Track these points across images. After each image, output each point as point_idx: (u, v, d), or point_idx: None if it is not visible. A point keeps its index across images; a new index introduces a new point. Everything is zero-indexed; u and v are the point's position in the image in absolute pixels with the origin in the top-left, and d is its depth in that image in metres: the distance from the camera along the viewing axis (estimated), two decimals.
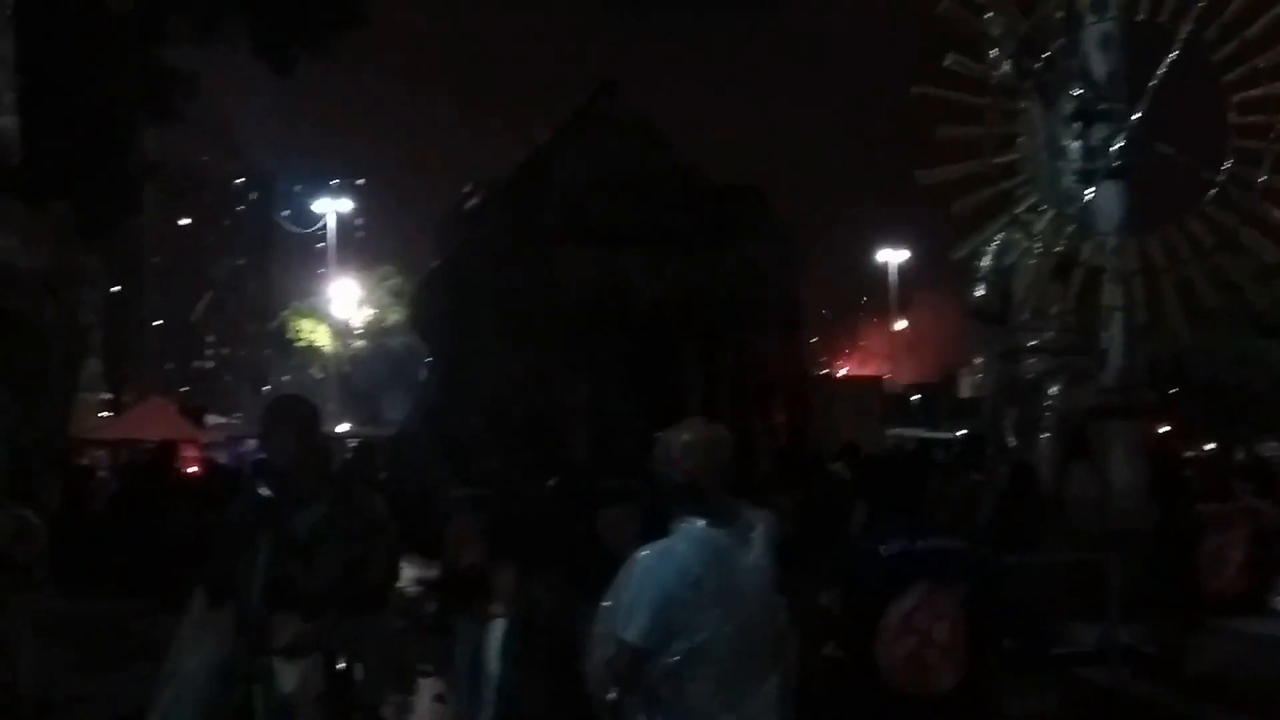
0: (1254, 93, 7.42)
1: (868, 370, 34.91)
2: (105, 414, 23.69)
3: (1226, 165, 7.53)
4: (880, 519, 8.70)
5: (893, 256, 35.92)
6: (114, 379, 28.49)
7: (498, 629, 6.86)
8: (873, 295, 40.36)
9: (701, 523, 3.31)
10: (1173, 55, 7.46)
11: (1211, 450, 10.61)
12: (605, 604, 3.35)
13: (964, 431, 13.51)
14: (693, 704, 3.22)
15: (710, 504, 3.35)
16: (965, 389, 24.08)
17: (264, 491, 3.99)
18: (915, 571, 3.51)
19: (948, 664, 3.47)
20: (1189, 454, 9.97)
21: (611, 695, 3.34)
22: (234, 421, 33.24)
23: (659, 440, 3.46)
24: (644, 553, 3.34)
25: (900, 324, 38.64)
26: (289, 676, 4.60)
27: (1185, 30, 7.41)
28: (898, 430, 19.30)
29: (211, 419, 24.59)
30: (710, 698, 3.22)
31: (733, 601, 3.26)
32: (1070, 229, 7.74)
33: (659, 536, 3.41)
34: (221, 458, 16.42)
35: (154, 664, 4.07)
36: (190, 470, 11.54)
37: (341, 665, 7.54)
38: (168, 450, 9.26)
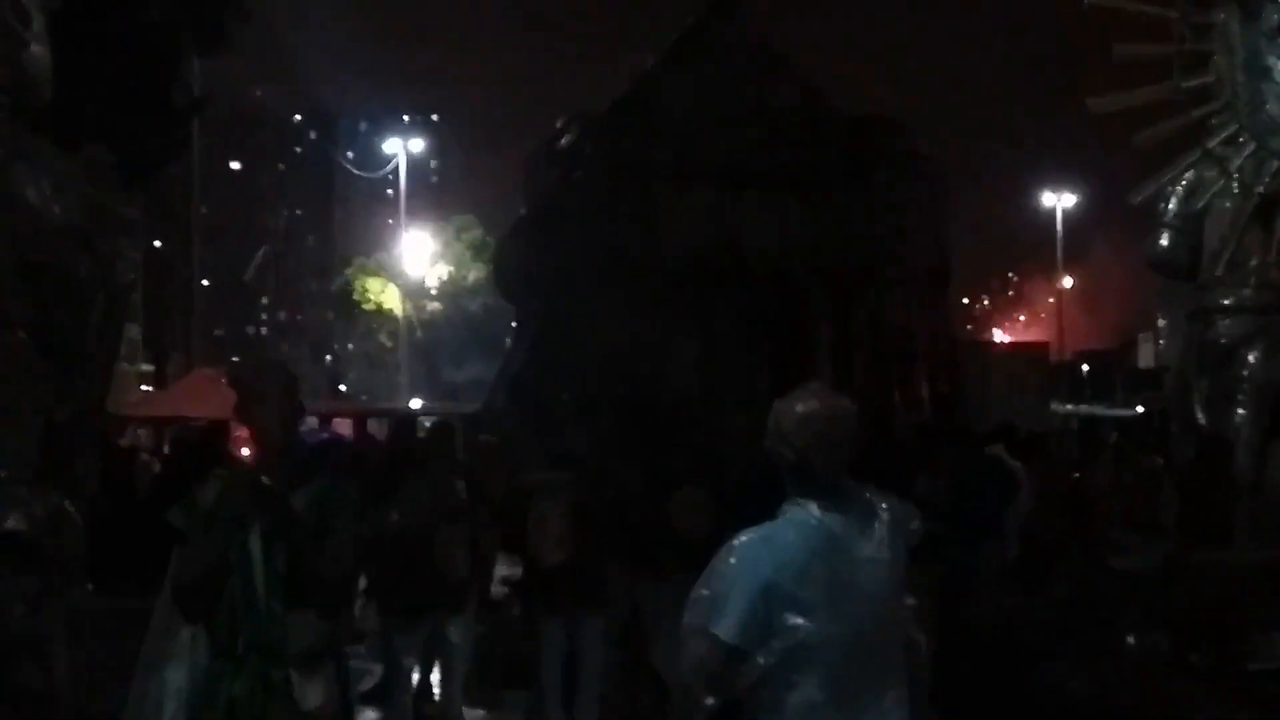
0: None
1: (1031, 335, 32.71)
2: (147, 388, 21.82)
3: None
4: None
5: (1060, 200, 30.74)
6: (157, 347, 25.48)
7: (592, 631, 6.37)
8: (1037, 247, 35.57)
9: (813, 506, 3.08)
10: None
11: None
12: (696, 594, 3.13)
13: (1143, 407, 12.67)
14: (795, 714, 3.03)
15: (823, 486, 3.11)
16: (1145, 357, 22.40)
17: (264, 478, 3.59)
18: None
19: None
20: None
21: (709, 700, 3.16)
22: None
23: (772, 411, 3.18)
24: (742, 538, 3.11)
25: (1067, 281, 33.74)
26: (313, 692, 4.43)
27: None
28: (1066, 406, 18.36)
29: None
30: (817, 708, 3.03)
31: (845, 599, 3.06)
32: (1276, 165, 7.07)
33: (765, 519, 3.14)
34: None
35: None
36: (243, 452, 11.18)
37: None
38: (218, 430, 8.88)
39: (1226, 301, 7.95)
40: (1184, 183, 7.60)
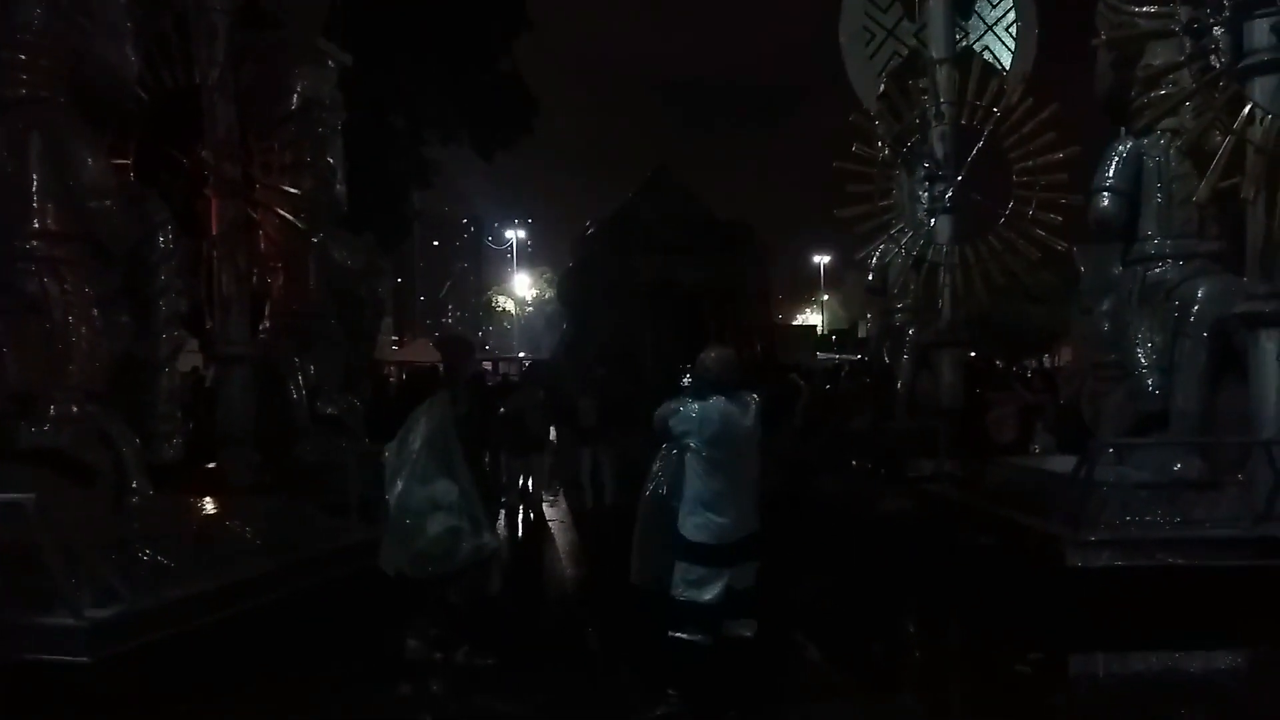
0: (1026, 164, 11.26)
1: (807, 320, 54.10)
2: (394, 348, 34.73)
3: (1009, 205, 11.37)
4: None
5: (822, 258, 56.09)
6: (399, 329, 43.91)
7: (607, 454, 11.64)
8: (808, 278, 59.17)
9: (721, 400, 4.71)
10: (979, 144, 11.46)
11: (999, 365, 15.06)
12: (667, 411, 4.75)
13: (860, 356, 17.35)
14: (715, 488, 4.69)
15: (726, 390, 4.73)
16: (862, 331, 30.11)
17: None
18: None
19: None
20: (984, 367, 13.67)
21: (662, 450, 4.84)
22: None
23: (699, 357, 4.85)
24: (691, 403, 4.77)
25: (825, 297, 57.96)
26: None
27: (987, 129, 11.40)
28: (825, 355, 25.16)
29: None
30: (721, 487, 4.67)
31: (735, 438, 4.70)
32: (921, 242, 11.63)
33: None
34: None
35: None
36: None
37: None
38: (428, 368, 14.02)
39: (900, 305, 12.02)
40: (880, 249, 11.80)
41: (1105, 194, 7.80)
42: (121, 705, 4.64)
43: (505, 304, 60.27)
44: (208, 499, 7.11)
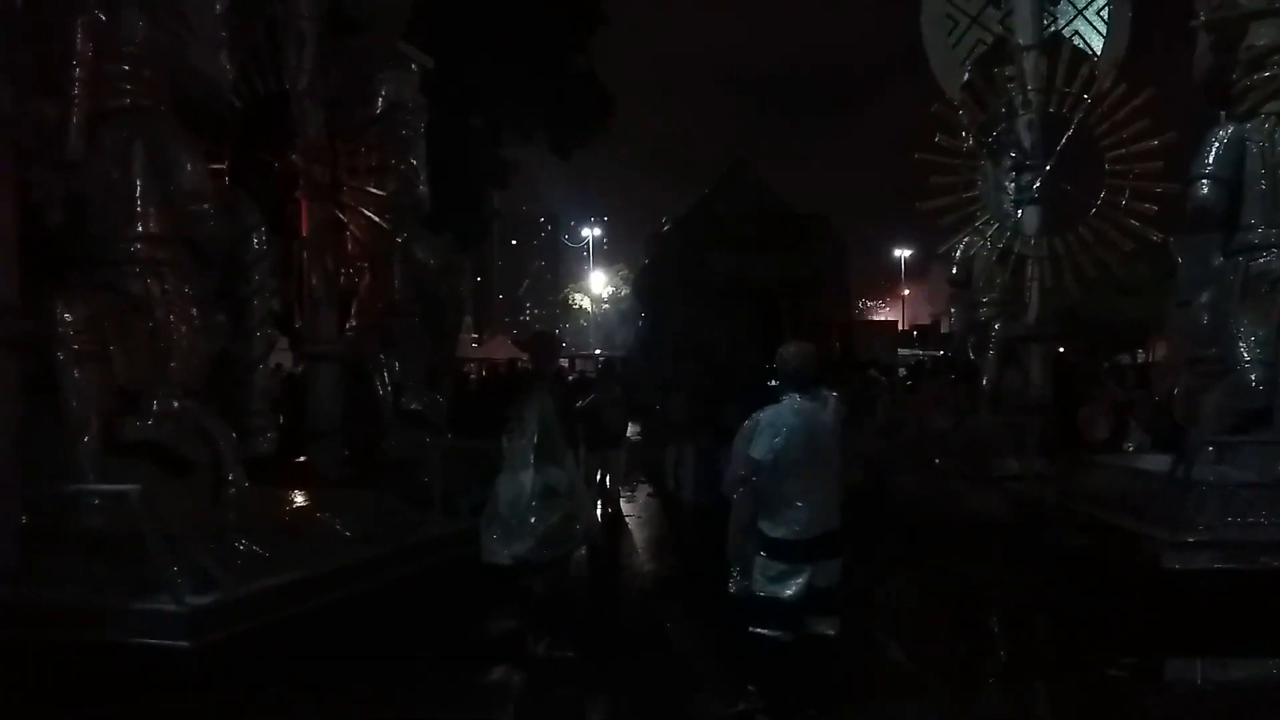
0: (1118, 152, 10.90)
1: (887, 317, 51.49)
2: (474, 344, 35.46)
3: (1101, 194, 10.96)
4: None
5: (903, 253, 56.09)
6: (479, 326, 44.28)
7: (688, 449, 11.54)
8: (889, 273, 59.56)
9: (798, 397, 4.64)
10: (1069, 131, 11.04)
11: (1089, 361, 14.48)
12: (741, 435, 4.59)
13: (942, 352, 16.72)
14: (790, 488, 4.56)
15: (805, 385, 4.64)
16: (945, 326, 29.46)
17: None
18: None
19: None
20: (1074, 362, 13.25)
21: (742, 474, 4.56)
22: None
23: (778, 351, 4.76)
24: (765, 411, 4.61)
25: (906, 291, 57.03)
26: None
27: (1076, 118, 11.04)
28: (907, 351, 24.70)
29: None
30: (800, 484, 4.57)
31: (812, 438, 4.59)
32: (1007, 234, 11.24)
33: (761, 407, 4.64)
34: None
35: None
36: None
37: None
38: (507, 362, 14.43)
39: (985, 299, 11.54)
40: (964, 242, 11.41)
41: (1205, 181, 7.57)
42: (219, 689, 4.81)
43: (582, 301, 61.26)
44: (298, 492, 7.33)
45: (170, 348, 6.04)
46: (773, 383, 4.97)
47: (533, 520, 5.78)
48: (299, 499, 7.19)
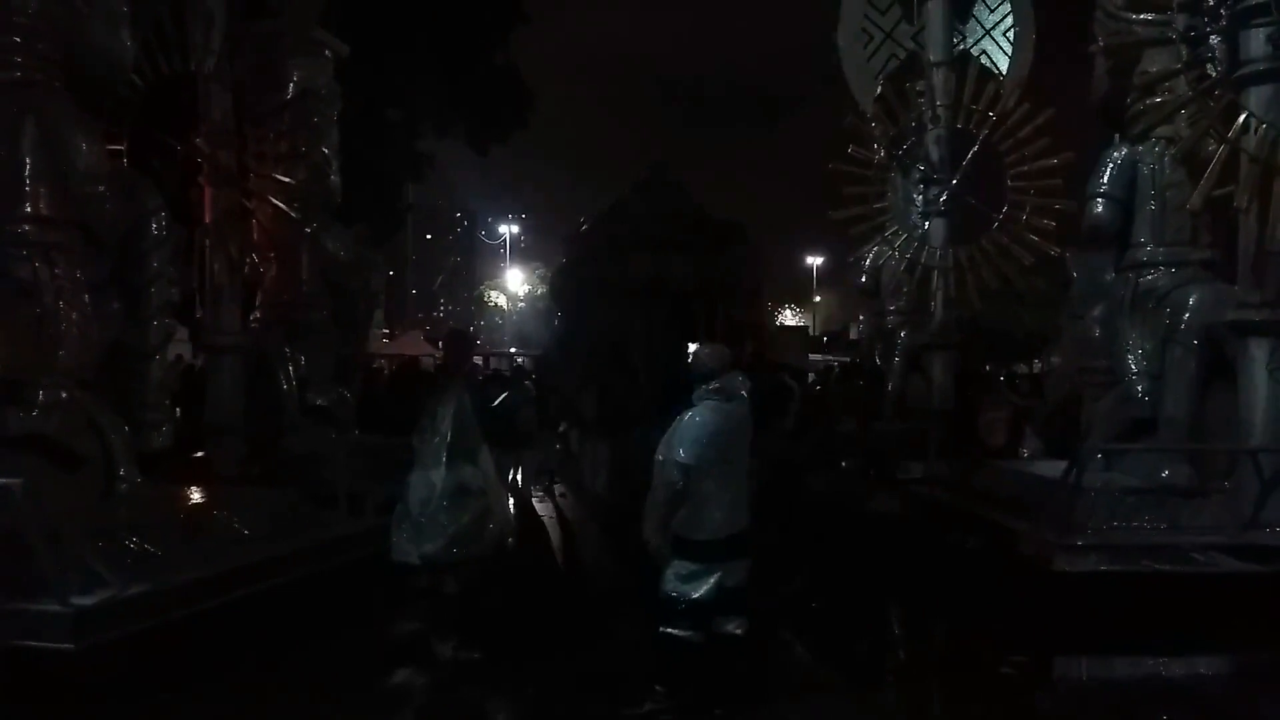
0: (1021, 168, 11.03)
1: (799, 321, 54.81)
2: (385, 340, 35.36)
3: (1004, 209, 11.15)
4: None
5: (816, 260, 57.06)
6: (390, 321, 44.08)
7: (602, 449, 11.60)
8: (800, 280, 60.18)
9: (716, 399, 4.83)
10: (975, 147, 11.26)
11: (989, 369, 15.15)
12: (667, 440, 4.71)
13: (849, 358, 17.84)
14: (705, 489, 4.71)
15: (720, 385, 4.85)
16: (853, 333, 30.50)
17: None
18: None
19: None
20: (975, 370, 13.92)
21: (675, 484, 4.57)
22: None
23: (694, 352, 5.23)
24: (686, 415, 4.78)
25: (817, 298, 58.61)
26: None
27: (982, 134, 11.19)
28: (817, 356, 25.44)
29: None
30: (714, 486, 4.73)
31: (728, 439, 4.79)
32: (914, 244, 11.45)
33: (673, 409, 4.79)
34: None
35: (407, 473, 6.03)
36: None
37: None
38: (415, 359, 14.26)
39: (891, 307, 11.91)
40: (873, 252, 11.88)
41: (1099, 200, 7.78)
42: (105, 693, 4.64)
43: (497, 299, 60.91)
44: (195, 488, 7.11)
45: (59, 335, 5.78)
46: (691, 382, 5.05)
47: (444, 519, 5.75)
48: (196, 496, 6.96)
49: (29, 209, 5.76)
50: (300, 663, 5.44)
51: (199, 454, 8.24)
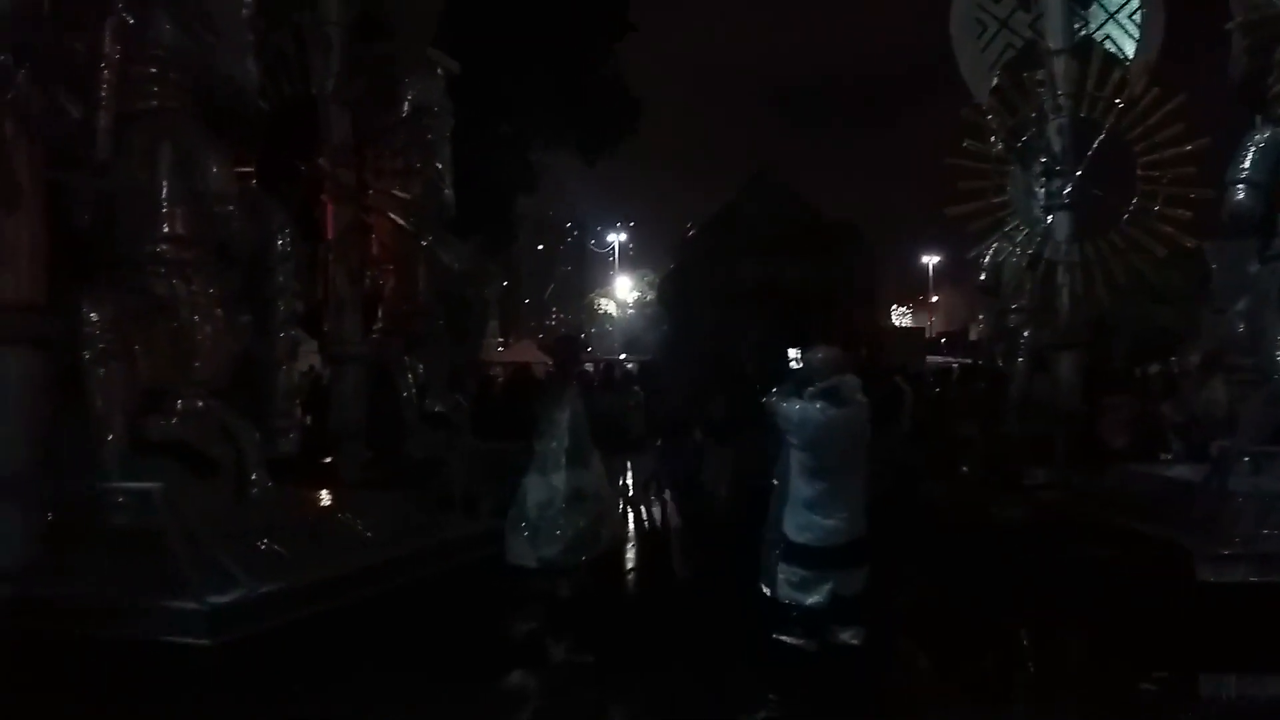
0: (1151, 157, 10.76)
1: (915, 324, 54.15)
2: (500, 348, 35.69)
3: (1133, 200, 10.83)
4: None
5: (931, 258, 55.09)
6: (504, 330, 45.25)
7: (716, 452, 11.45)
8: (919, 281, 58.73)
9: (824, 403, 4.91)
10: (1101, 136, 10.89)
11: (1120, 368, 14.22)
12: (787, 423, 4.83)
13: (969, 359, 16.64)
14: (819, 489, 4.85)
15: (835, 387, 4.92)
16: (973, 334, 29.42)
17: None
18: None
19: None
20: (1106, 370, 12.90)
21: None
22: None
23: (804, 356, 5.18)
24: (796, 404, 4.95)
25: (935, 298, 57.80)
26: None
27: (1108, 122, 10.91)
28: (935, 357, 23.83)
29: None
30: (828, 491, 4.82)
31: (837, 442, 4.92)
32: (1036, 240, 11.16)
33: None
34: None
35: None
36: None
37: None
38: (528, 366, 14.49)
39: (1015, 306, 11.24)
40: (993, 248, 11.26)
41: (1241, 186, 7.43)
42: (239, 686, 4.83)
43: (607, 306, 61.14)
44: (322, 492, 7.39)
45: (194, 347, 6.10)
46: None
47: (562, 523, 5.81)
48: (322, 500, 7.24)
49: (166, 229, 6.10)
50: (419, 662, 5.54)
51: (325, 460, 8.58)
